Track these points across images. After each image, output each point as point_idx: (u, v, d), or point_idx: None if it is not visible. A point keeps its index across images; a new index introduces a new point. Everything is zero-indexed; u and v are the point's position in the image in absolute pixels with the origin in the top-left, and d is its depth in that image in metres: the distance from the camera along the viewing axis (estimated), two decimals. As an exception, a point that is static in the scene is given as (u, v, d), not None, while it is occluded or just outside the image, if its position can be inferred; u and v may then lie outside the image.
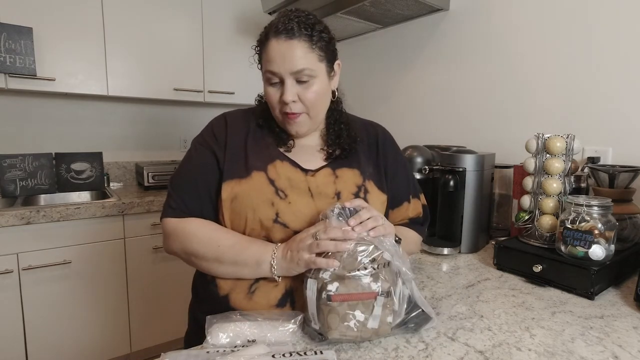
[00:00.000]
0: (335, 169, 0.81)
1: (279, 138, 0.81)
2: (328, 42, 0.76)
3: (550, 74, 1.35)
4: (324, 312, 0.61)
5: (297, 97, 0.74)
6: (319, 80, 0.75)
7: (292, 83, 0.73)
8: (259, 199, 0.74)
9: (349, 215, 0.68)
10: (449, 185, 1.15)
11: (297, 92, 0.74)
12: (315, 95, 0.75)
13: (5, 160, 1.87)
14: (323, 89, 0.77)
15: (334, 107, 0.86)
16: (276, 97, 0.75)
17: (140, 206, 1.84)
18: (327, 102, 0.81)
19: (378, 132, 0.90)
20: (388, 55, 2.00)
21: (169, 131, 2.54)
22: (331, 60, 0.78)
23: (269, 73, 0.74)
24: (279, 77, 0.74)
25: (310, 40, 0.73)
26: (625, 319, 0.75)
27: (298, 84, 0.74)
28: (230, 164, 0.78)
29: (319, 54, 0.74)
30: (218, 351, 0.58)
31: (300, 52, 0.72)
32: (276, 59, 0.72)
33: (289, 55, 0.71)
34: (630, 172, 0.99)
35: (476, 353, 0.62)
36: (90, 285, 1.76)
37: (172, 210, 0.78)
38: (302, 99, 0.74)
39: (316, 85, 0.75)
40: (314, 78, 0.74)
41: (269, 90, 0.77)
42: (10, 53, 1.69)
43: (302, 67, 0.72)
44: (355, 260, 0.63)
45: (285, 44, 0.71)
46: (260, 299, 0.74)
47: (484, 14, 1.55)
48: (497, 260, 1.02)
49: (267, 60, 0.74)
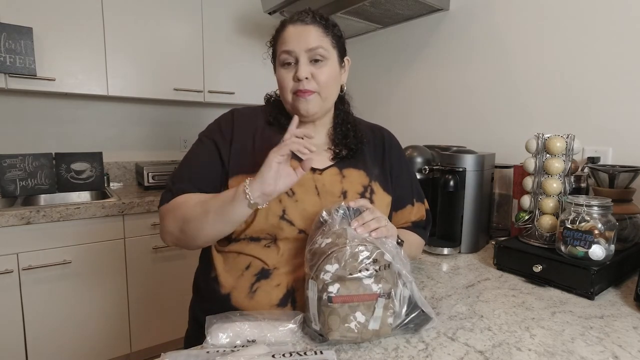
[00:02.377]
0: (342, 168, 0.82)
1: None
2: (340, 36, 0.81)
3: (550, 74, 1.35)
4: (324, 314, 0.61)
5: (310, 75, 0.76)
6: (331, 64, 0.79)
7: (305, 62, 0.76)
8: None
9: (352, 216, 0.68)
10: (449, 185, 1.15)
11: (311, 71, 0.76)
12: (327, 77, 0.78)
13: (5, 160, 1.87)
14: (334, 74, 0.80)
15: (342, 108, 0.88)
16: (289, 77, 0.77)
17: (140, 206, 1.84)
18: (337, 89, 0.83)
19: (384, 135, 0.92)
20: (388, 55, 2.00)
21: (169, 131, 2.54)
22: (342, 53, 0.82)
23: (284, 53, 0.77)
24: (294, 57, 0.76)
25: (325, 27, 0.78)
26: (625, 319, 0.75)
27: (311, 64, 0.77)
28: (236, 160, 0.78)
29: (332, 40, 0.79)
30: (218, 351, 0.58)
31: (315, 33, 0.76)
32: (292, 39, 0.76)
33: (304, 35, 0.76)
34: (630, 172, 0.99)
35: (476, 353, 0.62)
36: (90, 285, 1.76)
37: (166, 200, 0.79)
38: (315, 78, 0.77)
39: (328, 67, 0.78)
40: (327, 60, 0.77)
41: (282, 72, 0.78)
42: (10, 53, 1.69)
43: (317, 45, 0.76)
44: (357, 262, 0.63)
45: (302, 27, 0.76)
46: (261, 299, 0.74)
47: (484, 14, 1.55)
48: (497, 260, 1.02)
49: (283, 42, 0.77)
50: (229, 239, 0.79)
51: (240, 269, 0.76)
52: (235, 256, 0.78)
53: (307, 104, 0.78)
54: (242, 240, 0.77)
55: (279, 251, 0.76)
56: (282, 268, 0.75)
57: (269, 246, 0.76)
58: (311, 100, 0.78)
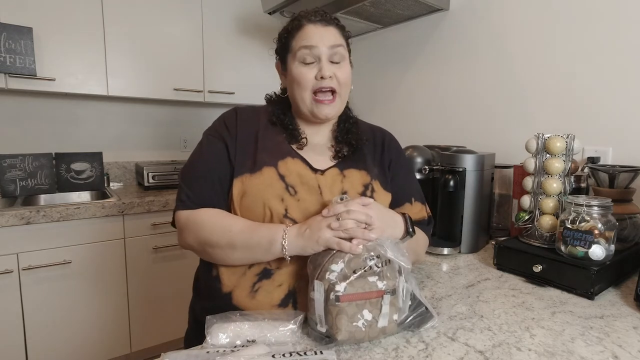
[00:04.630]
0: (343, 169, 0.82)
1: (291, 135, 0.82)
2: (349, 37, 0.84)
3: (550, 74, 1.35)
4: (332, 314, 0.61)
5: (333, 74, 0.78)
6: (348, 64, 0.82)
7: (327, 60, 0.78)
8: (270, 193, 0.74)
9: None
10: (449, 185, 1.15)
11: (332, 70, 0.78)
12: (347, 76, 0.80)
13: (5, 160, 1.87)
14: (350, 73, 0.83)
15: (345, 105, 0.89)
16: (310, 76, 0.78)
17: (140, 206, 1.84)
18: (349, 89, 0.85)
19: (385, 135, 0.94)
20: (388, 55, 2.00)
21: (169, 131, 2.54)
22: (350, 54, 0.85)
23: (306, 49, 0.77)
24: (316, 55, 0.77)
25: (341, 29, 0.82)
26: (625, 319, 0.75)
27: (331, 64, 0.78)
28: (240, 158, 0.78)
29: (345, 42, 0.82)
30: (218, 351, 0.58)
31: (336, 33, 0.80)
32: (315, 36, 0.77)
33: (327, 34, 0.78)
34: (630, 172, 0.99)
35: (476, 353, 0.62)
36: (90, 285, 1.76)
37: (183, 203, 0.78)
38: (336, 77, 0.78)
39: (347, 67, 0.81)
40: (344, 60, 0.81)
41: (302, 70, 0.78)
42: (10, 53, 1.69)
43: (340, 42, 0.79)
44: (360, 259, 0.63)
45: (322, 27, 0.79)
46: (263, 298, 0.74)
47: (484, 14, 1.55)
48: (497, 260, 1.02)
49: (304, 38, 0.78)
50: None
51: (242, 268, 0.76)
52: None
53: (329, 109, 0.80)
54: None
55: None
56: (284, 268, 0.74)
57: None
58: (334, 106, 0.80)
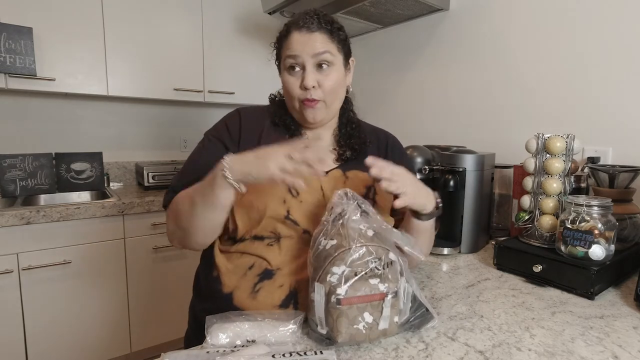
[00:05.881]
0: (346, 171, 0.82)
1: (294, 136, 0.83)
2: (344, 38, 0.81)
3: (550, 74, 1.35)
4: (332, 316, 0.61)
5: (317, 83, 0.77)
6: (337, 70, 0.79)
7: (312, 69, 0.76)
8: (271, 194, 0.74)
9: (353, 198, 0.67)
10: (449, 185, 1.15)
11: (317, 78, 0.77)
12: (333, 83, 0.78)
13: (5, 160, 1.87)
14: (340, 79, 0.80)
15: (346, 107, 0.89)
16: (296, 84, 0.78)
17: (140, 206, 1.84)
18: (342, 94, 0.84)
19: (388, 137, 0.94)
20: (388, 55, 2.00)
21: (169, 131, 2.53)
22: (347, 56, 0.83)
23: (290, 58, 0.77)
24: (300, 63, 0.76)
25: (330, 33, 0.78)
26: (625, 319, 0.75)
27: (317, 71, 0.77)
28: None
29: (337, 45, 0.79)
30: (218, 351, 0.58)
31: (322, 40, 0.76)
32: (298, 45, 0.76)
33: (310, 42, 0.76)
34: (630, 172, 0.99)
35: (476, 353, 0.62)
36: (90, 285, 1.76)
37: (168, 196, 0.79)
38: (321, 86, 0.77)
39: (334, 73, 0.78)
40: (332, 66, 0.78)
41: (289, 78, 0.78)
42: (10, 53, 1.69)
43: (323, 50, 0.76)
44: (362, 261, 0.63)
45: (307, 34, 0.76)
46: (263, 299, 0.73)
47: (484, 14, 1.55)
48: (497, 260, 1.02)
49: (288, 48, 0.77)
50: (233, 240, 0.79)
51: (243, 269, 0.76)
52: (238, 256, 0.78)
53: (313, 112, 0.79)
54: (247, 240, 0.77)
55: (282, 250, 0.76)
56: (285, 269, 0.74)
57: (272, 245, 0.76)
58: (317, 108, 0.79)
